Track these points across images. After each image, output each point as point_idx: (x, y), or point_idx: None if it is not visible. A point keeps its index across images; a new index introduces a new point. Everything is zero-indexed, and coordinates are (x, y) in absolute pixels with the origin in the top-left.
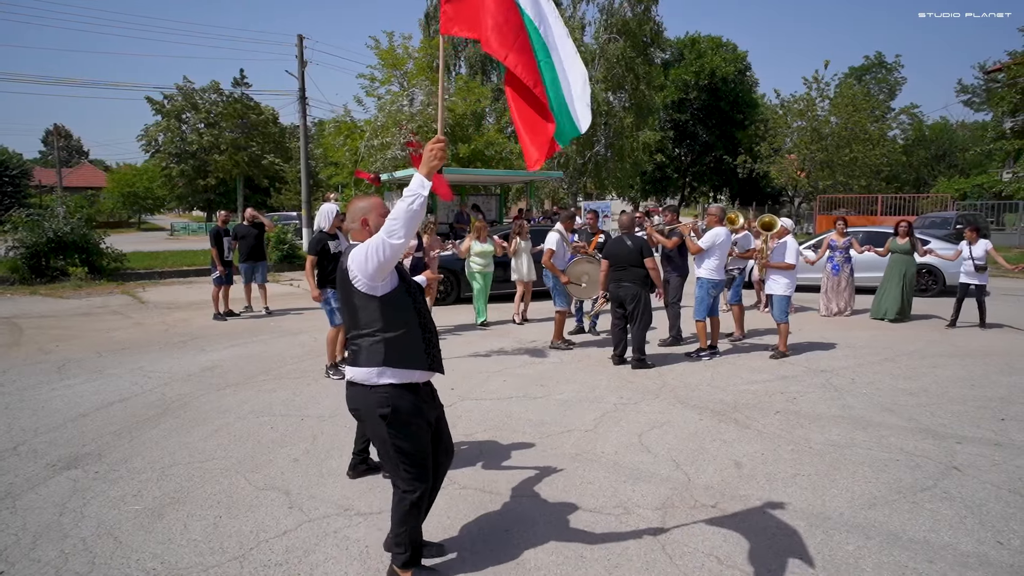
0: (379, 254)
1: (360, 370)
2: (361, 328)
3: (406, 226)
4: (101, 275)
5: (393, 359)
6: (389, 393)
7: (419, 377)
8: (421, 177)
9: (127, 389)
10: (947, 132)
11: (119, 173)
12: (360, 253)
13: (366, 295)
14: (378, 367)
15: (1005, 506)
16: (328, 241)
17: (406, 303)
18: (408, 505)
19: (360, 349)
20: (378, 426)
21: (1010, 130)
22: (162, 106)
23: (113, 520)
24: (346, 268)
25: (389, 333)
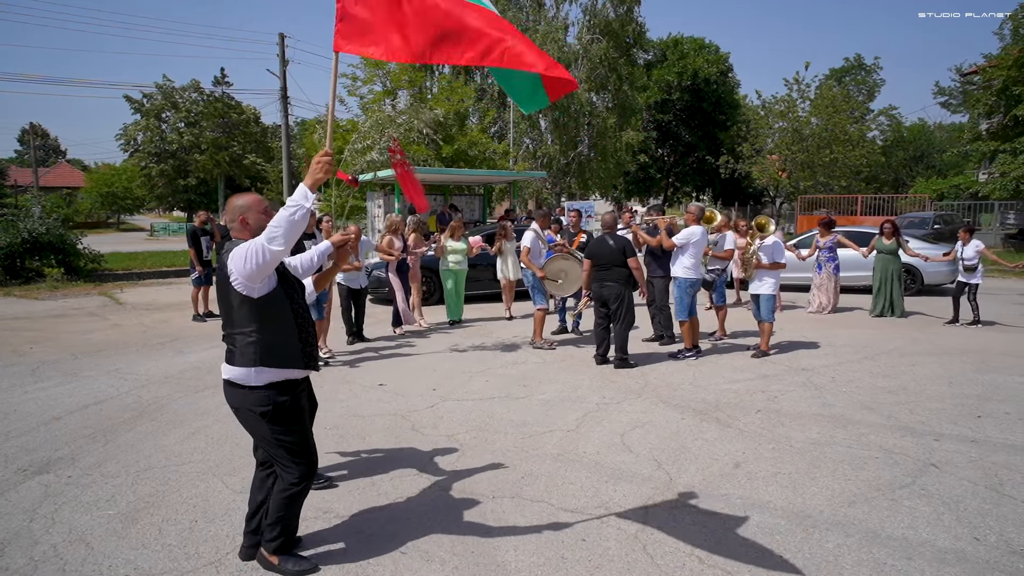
0: (258, 257)
1: (237, 370)
2: (236, 327)
3: (286, 234)
4: (78, 276)
5: (268, 359)
6: (268, 392)
7: (296, 375)
8: (305, 188)
9: (103, 392)
10: (925, 134)
11: (97, 173)
12: (239, 254)
13: (242, 295)
14: (255, 367)
15: (982, 502)
16: (304, 241)
17: (282, 303)
18: (293, 495)
19: (236, 348)
20: (259, 424)
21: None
22: (141, 105)
23: (85, 526)
24: (224, 269)
25: (264, 334)
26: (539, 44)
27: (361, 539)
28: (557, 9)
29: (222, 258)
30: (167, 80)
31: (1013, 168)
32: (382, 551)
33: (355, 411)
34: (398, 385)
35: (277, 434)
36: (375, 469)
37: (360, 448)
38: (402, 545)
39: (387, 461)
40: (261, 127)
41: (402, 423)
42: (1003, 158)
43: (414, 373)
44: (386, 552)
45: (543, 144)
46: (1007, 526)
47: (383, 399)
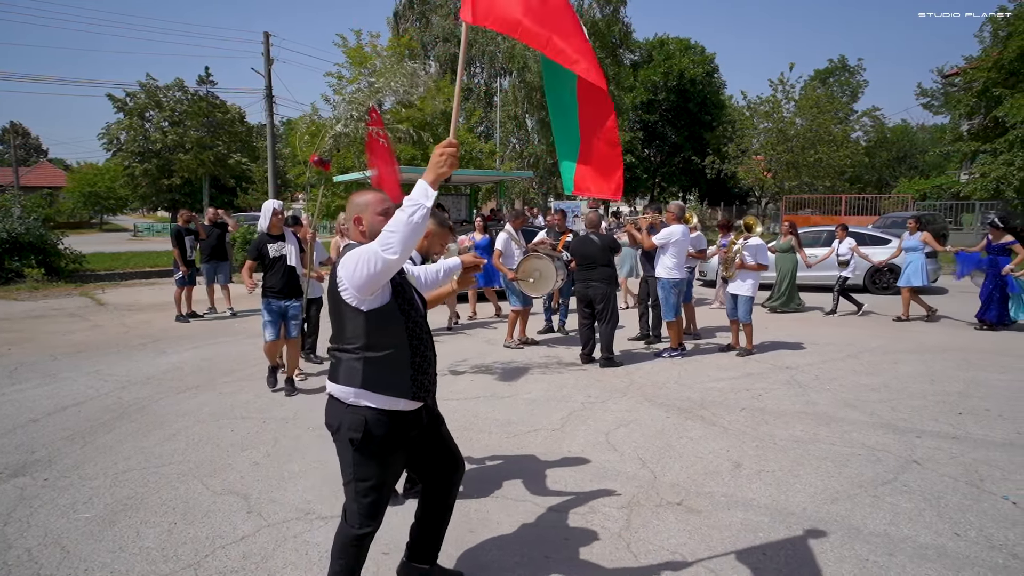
0: (369, 266)
1: (338, 386)
2: (344, 341)
3: (404, 241)
4: (59, 276)
5: (371, 382)
6: (366, 416)
7: (403, 405)
8: (425, 185)
9: (82, 393)
10: (907, 134)
11: (80, 172)
12: (350, 260)
13: (352, 307)
14: (355, 388)
15: (962, 498)
16: (268, 243)
17: (396, 321)
18: (351, 539)
19: (340, 363)
20: (345, 448)
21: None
22: (124, 104)
23: (61, 529)
24: (335, 274)
25: (371, 352)
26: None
27: None
28: None
29: (333, 265)
30: (150, 79)
31: (993, 169)
32: None
33: None
34: None
35: (358, 465)
36: None
37: None
38: (384, 546)
39: None
40: (246, 126)
41: None
42: (984, 159)
43: None
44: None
45: (530, 144)
46: (987, 521)
47: None
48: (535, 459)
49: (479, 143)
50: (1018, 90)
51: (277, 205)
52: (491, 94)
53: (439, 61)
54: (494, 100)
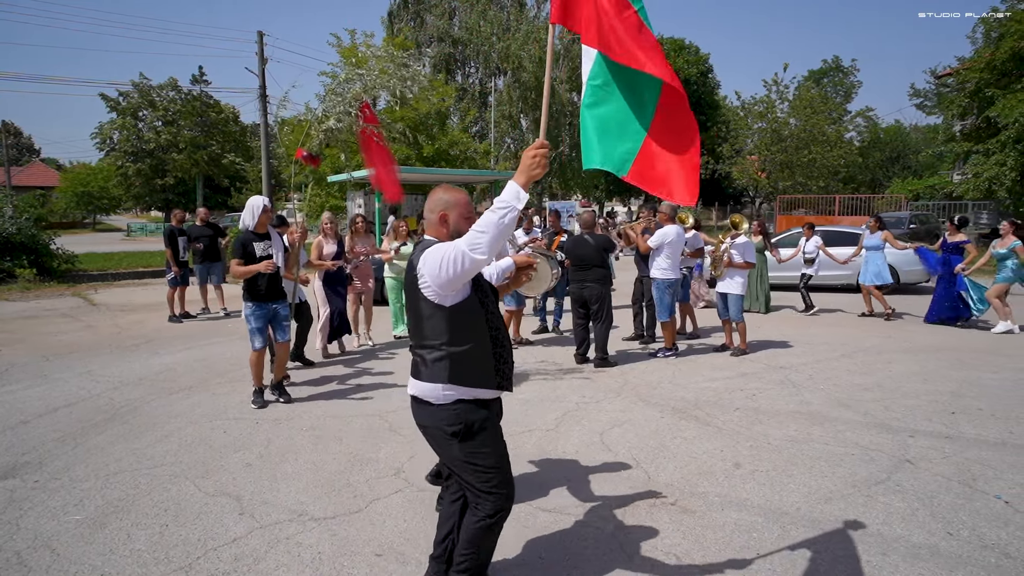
0: (456, 265)
1: (424, 385)
2: (426, 339)
3: (493, 242)
4: (51, 277)
5: (459, 376)
6: (459, 409)
7: (487, 395)
8: (517, 187)
9: (73, 394)
10: (901, 135)
11: (72, 172)
12: (435, 258)
13: (434, 304)
14: (442, 383)
15: (955, 497)
16: (254, 242)
17: (477, 314)
18: (487, 527)
19: (423, 362)
20: (450, 445)
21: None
22: (117, 103)
23: (51, 531)
24: (415, 270)
25: (455, 347)
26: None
27: (336, 541)
28: (538, 9)
29: (412, 260)
30: (144, 78)
31: (986, 169)
32: (356, 554)
33: (332, 412)
34: (375, 385)
35: (470, 456)
36: (351, 471)
37: (337, 450)
38: (377, 547)
39: (364, 463)
40: (240, 126)
41: (380, 424)
42: (976, 159)
43: (392, 373)
44: (360, 555)
45: (524, 144)
46: (979, 521)
47: (361, 399)
48: (529, 459)
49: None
50: (1010, 91)
51: (267, 202)
52: (486, 94)
53: (433, 61)
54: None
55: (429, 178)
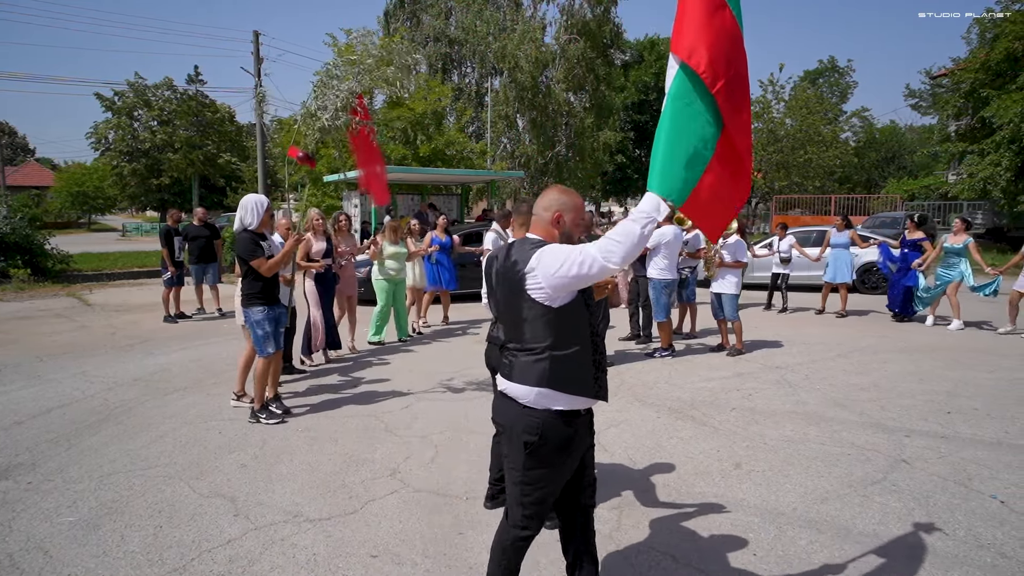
0: (582, 268)
1: (516, 385)
2: (526, 342)
3: (628, 252)
4: (45, 277)
5: (558, 381)
6: (543, 419)
7: (581, 404)
8: (658, 199)
9: (67, 395)
10: (896, 135)
11: (67, 172)
12: (555, 258)
13: (541, 305)
14: (538, 387)
15: (951, 497)
16: (260, 242)
17: (583, 317)
18: (514, 540)
19: (516, 363)
20: (517, 451)
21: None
22: (112, 103)
23: (44, 533)
24: (520, 269)
25: (559, 351)
26: (516, 44)
27: (332, 543)
28: (535, 9)
29: (510, 260)
30: (139, 78)
31: (981, 169)
32: (351, 555)
33: (328, 413)
34: (371, 386)
35: (528, 469)
36: (347, 472)
37: (333, 450)
38: (372, 548)
39: (359, 463)
40: (236, 126)
41: (375, 424)
42: (971, 159)
43: (389, 375)
44: (355, 556)
45: (521, 144)
46: (975, 521)
47: (356, 401)
48: None
49: (470, 143)
50: (1005, 91)
51: (267, 200)
52: (482, 94)
53: (429, 61)
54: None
55: (426, 178)
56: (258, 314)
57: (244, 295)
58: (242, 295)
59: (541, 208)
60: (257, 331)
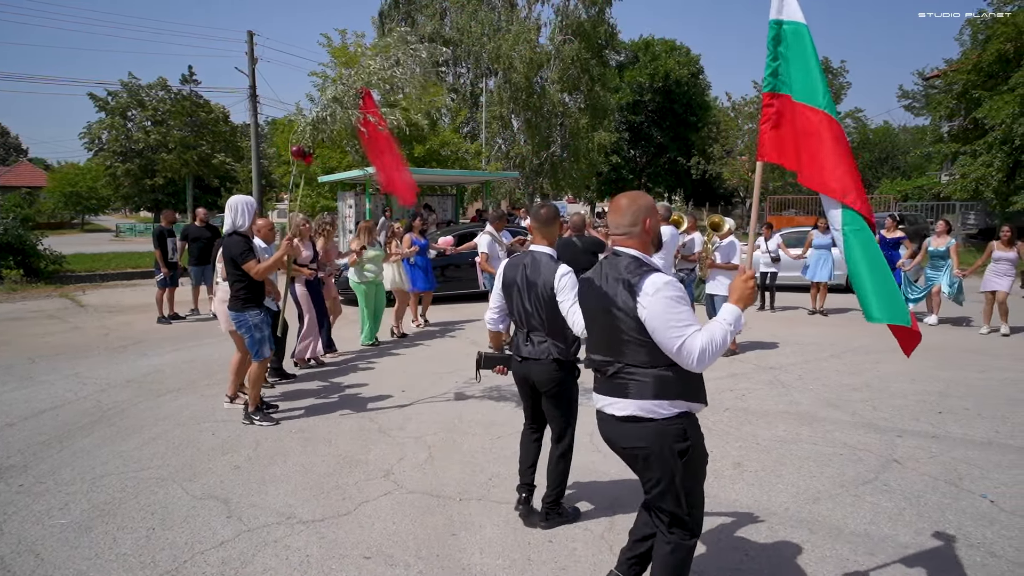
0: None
1: (642, 402)
2: (641, 361)
3: (714, 356)
4: (38, 278)
5: (686, 391)
6: (685, 424)
7: (699, 410)
8: (739, 312)
9: (60, 396)
10: (889, 136)
11: (61, 172)
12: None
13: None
14: (669, 399)
15: (941, 497)
16: (251, 245)
17: None
18: (685, 552)
19: (635, 380)
20: (672, 463)
21: (947, 134)
22: (106, 103)
23: (35, 536)
24: (629, 289)
25: (677, 371)
26: (511, 44)
27: (325, 544)
28: (529, 10)
29: (616, 276)
30: (133, 78)
31: (973, 169)
32: (344, 556)
33: (322, 414)
34: (365, 387)
35: (686, 478)
36: (340, 473)
37: (327, 452)
38: (366, 550)
39: (353, 464)
40: (230, 126)
41: (369, 425)
42: (964, 160)
43: (382, 376)
44: (348, 558)
45: (515, 144)
46: (966, 520)
47: (350, 402)
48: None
49: (465, 143)
50: (996, 92)
51: (255, 202)
52: (477, 95)
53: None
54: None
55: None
56: (255, 317)
57: (238, 299)
58: (234, 299)
59: (628, 225)
60: (255, 334)
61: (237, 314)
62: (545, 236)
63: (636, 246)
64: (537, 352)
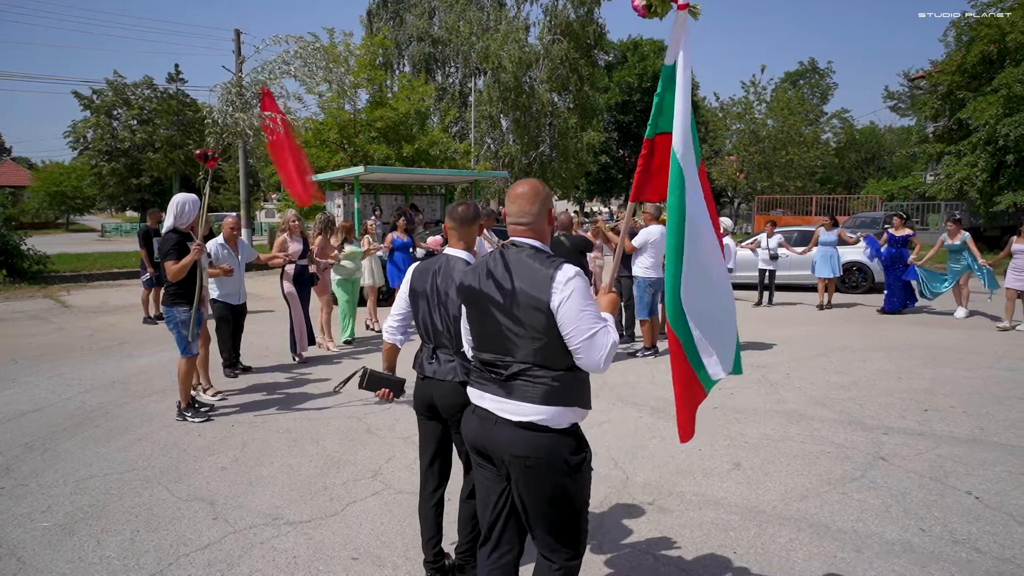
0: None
1: (542, 408)
2: (544, 361)
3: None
4: (22, 278)
5: (580, 398)
6: (579, 436)
7: (584, 417)
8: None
9: (43, 398)
10: (876, 136)
11: (45, 171)
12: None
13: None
14: (566, 406)
15: (927, 494)
16: (187, 243)
17: None
18: (574, 571)
19: (537, 385)
20: (562, 478)
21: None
22: (91, 102)
23: (17, 539)
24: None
25: (575, 370)
26: (500, 44)
27: (312, 545)
28: (518, 9)
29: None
30: (118, 76)
31: (958, 170)
32: (331, 558)
33: (309, 414)
34: (353, 386)
35: (578, 492)
36: (328, 474)
37: (314, 452)
38: (353, 551)
39: (341, 465)
40: None
41: (357, 425)
42: (948, 160)
43: None
44: (336, 559)
45: (504, 144)
46: (951, 516)
47: (337, 401)
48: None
49: (453, 143)
50: (981, 93)
51: (196, 199)
52: (465, 94)
53: (412, 62)
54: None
55: (409, 178)
56: (183, 314)
57: (167, 294)
58: (164, 294)
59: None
60: (182, 331)
61: (167, 309)
62: (463, 238)
63: (537, 237)
64: (443, 372)
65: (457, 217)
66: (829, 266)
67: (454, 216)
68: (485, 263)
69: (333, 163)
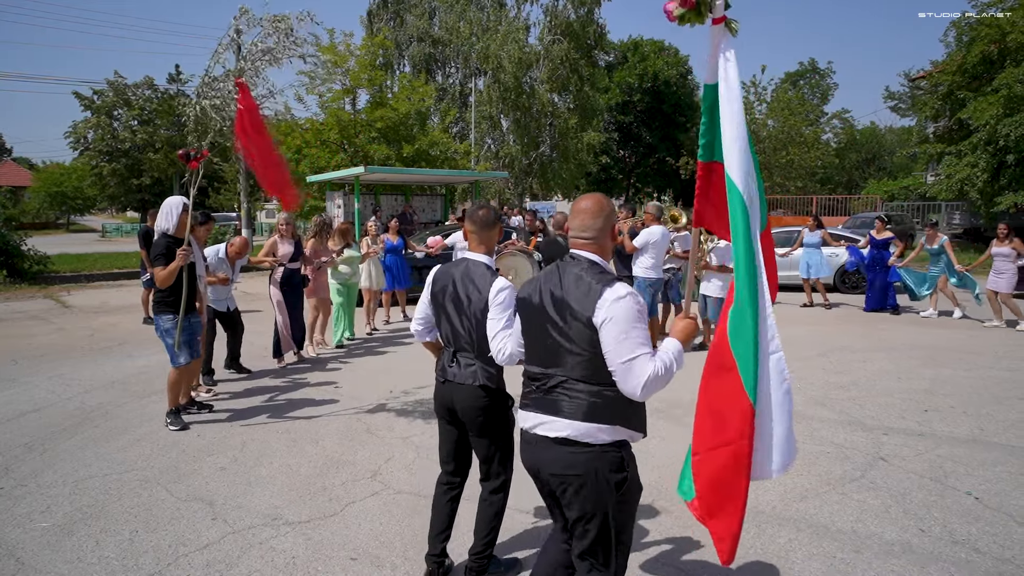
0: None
1: (573, 423)
2: (589, 376)
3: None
4: (22, 278)
5: (630, 419)
6: (624, 455)
7: (637, 439)
8: (681, 347)
9: (43, 398)
10: (876, 136)
11: (45, 172)
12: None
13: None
14: (611, 424)
15: (927, 494)
16: (177, 248)
17: None
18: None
19: (573, 399)
20: (605, 496)
21: (932, 135)
22: (92, 102)
23: (16, 540)
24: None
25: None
26: (500, 44)
27: (311, 545)
28: (518, 10)
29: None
30: (119, 76)
31: (958, 170)
32: (330, 558)
33: (308, 414)
34: (352, 387)
35: (619, 512)
36: (327, 474)
37: (313, 452)
38: (352, 551)
39: (340, 465)
40: None
41: (357, 425)
42: (949, 160)
43: (370, 375)
44: (334, 559)
45: (505, 144)
46: (951, 517)
47: (336, 401)
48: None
49: (454, 143)
50: (981, 93)
51: (186, 202)
52: (466, 94)
53: (413, 62)
54: (469, 100)
55: (410, 178)
56: (167, 322)
57: (155, 301)
58: (154, 301)
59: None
60: (167, 339)
61: (155, 316)
62: (483, 242)
63: (598, 252)
64: (463, 376)
65: (477, 221)
66: (814, 267)
67: (474, 220)
68: (543, 276)
69: (333, 163)
